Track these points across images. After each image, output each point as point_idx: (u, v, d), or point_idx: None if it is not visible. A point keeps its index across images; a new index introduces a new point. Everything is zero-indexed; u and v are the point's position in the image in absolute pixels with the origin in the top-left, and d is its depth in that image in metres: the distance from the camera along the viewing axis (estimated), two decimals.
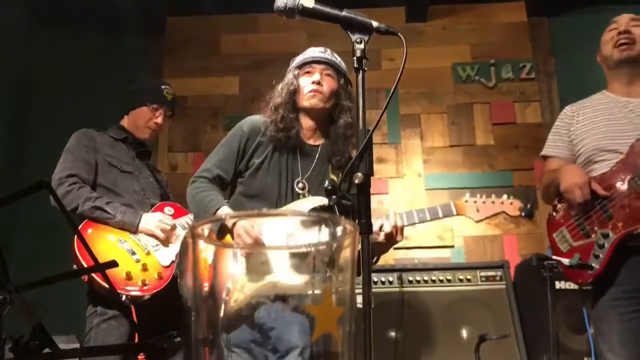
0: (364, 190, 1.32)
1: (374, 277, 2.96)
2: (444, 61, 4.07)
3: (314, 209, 1.93)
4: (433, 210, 1.86)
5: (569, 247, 2.09)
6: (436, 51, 4.07)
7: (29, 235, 3.56)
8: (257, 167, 2.07)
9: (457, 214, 1.91)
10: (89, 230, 2.30)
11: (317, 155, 2.11)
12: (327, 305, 0.44)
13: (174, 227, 2.44)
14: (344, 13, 1.39)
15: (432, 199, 3.82)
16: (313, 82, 2.06)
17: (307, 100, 2.07)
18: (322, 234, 0.46)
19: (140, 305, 2.23)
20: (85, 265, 2.18)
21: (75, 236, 2.21)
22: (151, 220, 2.39)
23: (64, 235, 2.25)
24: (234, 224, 1.87)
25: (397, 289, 2.97)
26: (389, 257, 3.69)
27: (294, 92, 2.09)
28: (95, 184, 2.42)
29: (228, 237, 1.82)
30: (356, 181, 1.31)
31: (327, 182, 2.00)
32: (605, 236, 1.98)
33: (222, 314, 0.45)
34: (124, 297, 2.17)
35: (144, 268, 2.29)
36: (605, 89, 2.31)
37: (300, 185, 2.03)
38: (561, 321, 2.80)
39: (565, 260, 2.04)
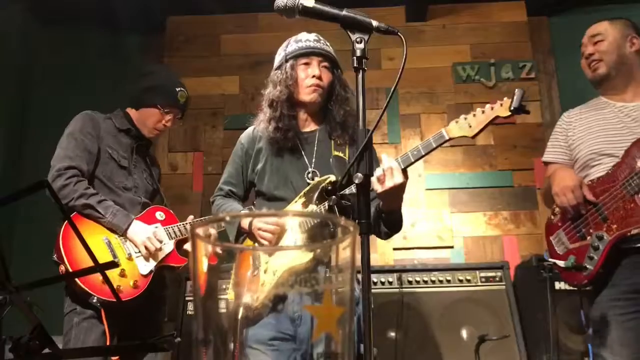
0: (364, 190, 1.32)
1: (374, 277, 2.97)
2: (443, 61, 4.07)
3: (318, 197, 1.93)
4: (426, 143, 1.76)
5: (565, 250, 2.13)
6: (436, 51, 4.08)
7: (29, 235, 3.56)
8: (261, 171, 2.07)
9: (450, 138, 1.78)
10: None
11: (316, 140, 2.09)
12: (327, 306, 0.44)
13: (160, 249, 2.36)
14: (344, 12, 1.38)
15: (432, 199, 3.82)
16: (314, 77, 2.04)
17: (307, 95, 2.05)
18: (322, 234, 0.46)
19: (111, 308, 2.17)
20: (64, 256, 2.15)
21: (62, 229, 2.20)
22: (141, 233, 2.32)
23: None
24: (250, 226, 1.85)
25: (397, 290, 2.96)
26: (389, 258, 3.69)
27: (293, 85, 2.05)
28: (93, 175, 2.37)
29: (248, 242, 1.79)
30: (356, 181, 1.31)
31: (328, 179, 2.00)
32: (600, 238, 2.01)
33: (240, 315, 0.45)
34: (95, 300, 2.12)
35: (122, 274, 2.23)
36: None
37: (310, 175, 2.02)
38: (561, 321, 2.80)
39: (561, 262, 2.07)
